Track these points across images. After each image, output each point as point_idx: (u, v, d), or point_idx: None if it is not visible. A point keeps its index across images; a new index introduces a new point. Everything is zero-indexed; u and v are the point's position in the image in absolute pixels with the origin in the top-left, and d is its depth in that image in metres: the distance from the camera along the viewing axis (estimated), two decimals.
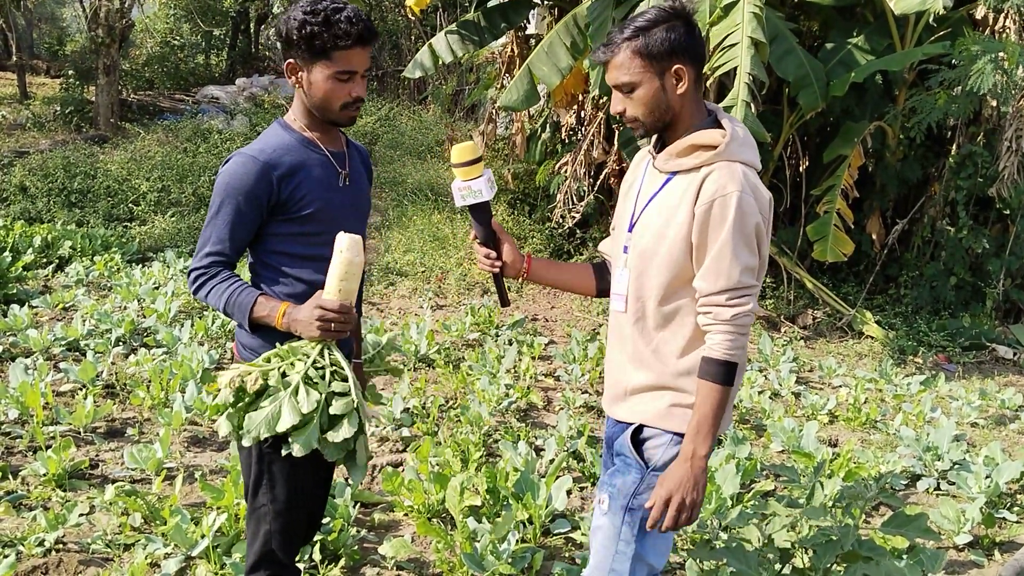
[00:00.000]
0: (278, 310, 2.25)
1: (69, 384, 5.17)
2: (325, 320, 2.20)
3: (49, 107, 15.57)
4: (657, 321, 2.20)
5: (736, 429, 4.95)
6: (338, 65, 2.25)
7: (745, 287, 2.08)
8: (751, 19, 6.01)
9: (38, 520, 3.54)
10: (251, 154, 2.28)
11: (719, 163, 2.09)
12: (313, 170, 2.35)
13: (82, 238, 8.53)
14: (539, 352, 6.32)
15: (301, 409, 2.16)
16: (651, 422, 2.23)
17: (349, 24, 2.21)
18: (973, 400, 5.85)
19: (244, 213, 2.27)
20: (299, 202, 2.31)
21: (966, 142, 7.81)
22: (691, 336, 2.17)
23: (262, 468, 2.39)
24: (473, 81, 14.36)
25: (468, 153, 2.33)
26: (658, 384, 2.22)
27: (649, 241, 2.19)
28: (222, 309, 2.29)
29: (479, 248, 2.45)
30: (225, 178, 2.28)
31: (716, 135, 2.11)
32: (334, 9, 2.22)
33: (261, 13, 21.28)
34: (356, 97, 2.32)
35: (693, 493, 2.09)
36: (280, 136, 2.36)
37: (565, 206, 8.60)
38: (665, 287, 2.17)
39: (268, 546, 2.45)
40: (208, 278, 2.29)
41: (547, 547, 3.69)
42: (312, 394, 2.18)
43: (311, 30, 2.21)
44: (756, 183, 2.11)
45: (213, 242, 2.29)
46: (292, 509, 2.44)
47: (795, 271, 7.78)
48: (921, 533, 3.00)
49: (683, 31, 2.08)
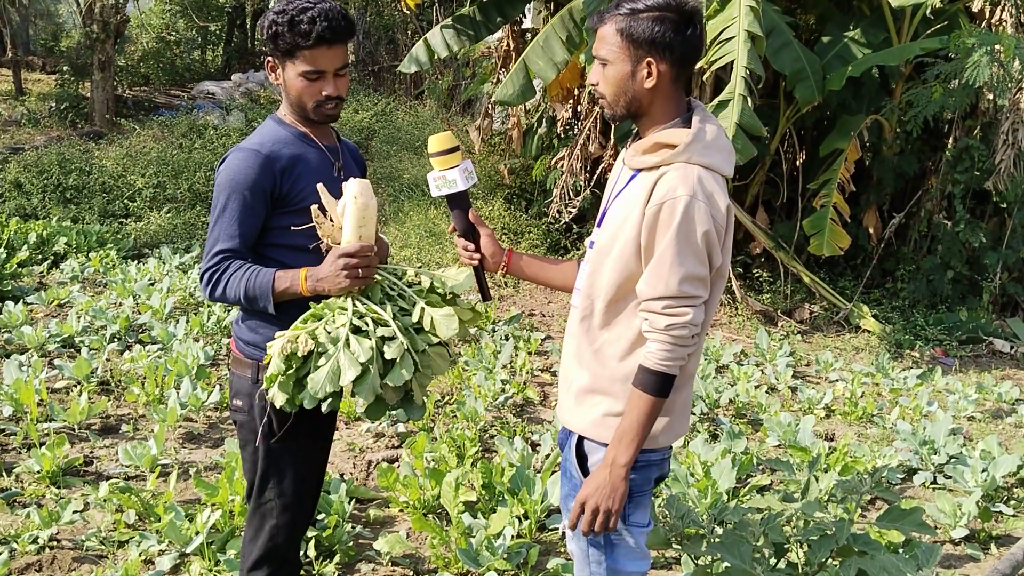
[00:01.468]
0: (299, 276, 2.22)
1: (64, 381, 5.15)
2: (350, 267, 2.18)
3: (44, 103, 15.56)
4: (603, 320, 2.13)
5: (732, 423, 4.94)
6: (305, 64, 2.26)
7: (684, 296, 1.99)
8: (747, 12, 6.00)
9: (32, 517, 3.53)
10: (252, 148, 2.28)
11: (676, 164, 2.00)
12: (311, 162, 2.37)
13: (77, 234, 8.51)
14: (535, 347, 6.32)
15: (359, 359, 2.12)
16: (587, 433, 2.17)
17: (311, 24, 2.20)
18: (970, 394, 5.85)
19: (251, 206, 2.27)
20: (299, 194, 2.32)
21: (963, 136, 7.81)
22: (634, 340, 2.09)
23: (269, 463, 2.40)
24: (469, 76, 14.32)
25: (444, 143, 2.31)
26: (593, 388, 2.15)
27: (606, 239, 2.12)
28: (243, 297, 2.25)
29: (458, 240, 2.44)
30: (228, 174, 2.27)
31: (680, 134, 2.02)
32: (300, 9, 2.21)
33: (257, 8, 21.20)
34: (327, 96, 2.31)
35: (609, 501, 2.04)
36: (276, 131, 2.37)
37: (561, 201, 8.58)
38: (615, 287, 2.09)
39: (274, 541, 2.46)
40: (220, 273, 2.26)
41: (543, 542, 3.68)
42: (364, 343, 2.14)
43: (276, 30, 2.23)
44: (713, 189, 2.00)
45: (223, 239, 2.27)
46: (299, 502, 2.46)
47: (792, 265, 7.77)
48: (917, 527, 3.00)
49: (670, 27, 1.99)
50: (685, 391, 2.17)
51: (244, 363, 2.41)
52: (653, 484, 2.22)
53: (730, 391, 5.40)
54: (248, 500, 2.48)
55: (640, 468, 2.13)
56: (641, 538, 2.19)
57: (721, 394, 5.37)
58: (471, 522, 3.54)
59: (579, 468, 2.19)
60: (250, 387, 2.39)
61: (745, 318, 7.51)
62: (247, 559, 2.50)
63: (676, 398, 2.13)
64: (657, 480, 2.24)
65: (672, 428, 2.16)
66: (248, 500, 2.48)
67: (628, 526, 2.16)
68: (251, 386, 2.39)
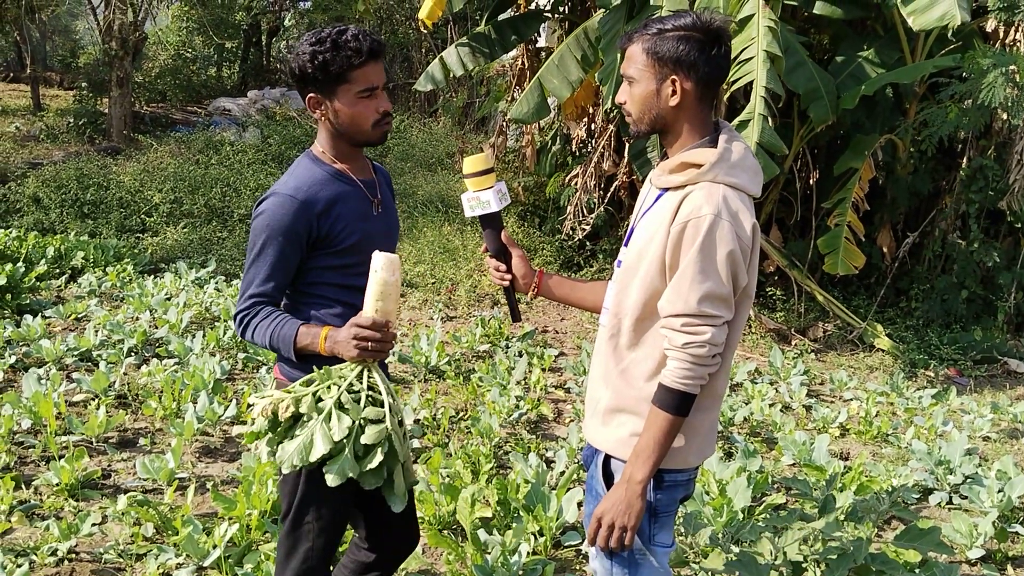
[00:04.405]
0: (319, 336, 2.25)
1: (82, 394, 5.20)
2: (359, 338, 2.19)
3: (62, 119, 15.70)
4: (630, 340, 2.14)
5: (747, 441, 4.94)
6: (358, 84, 2.28)
7: (704, 315, 1.99)
8: (766, 33, 6.02)
9: (51, 530, 3.56)
10: (288, 193, 2.29)
11: (702, 183, 2.02)
12: (349, 203, 2.37)
13: (95, 249, 8.58)
14: (549, 364, 6.33)
15: (333, 437, 2.12)
16: (614, 452, 2.17)
17: (357, 41, 2.25)
18: (985, 414, 5.82)
19: (286, 253, 2.29)
20: (338, 235, 2.34)
21: (977, 155, 7.80)
22: (661, 360, 2.09)
23: (311, 487, 2.37)
24: (484, 94, 14.40)
25: (479, 164, 2.36)
26: (620, 407, 2.15)
27: (633, 258, 2.13)
28: (268, 345, 2.30)
29: (489, 260, 2.45)
30: (265, 219, 2.29)
31: (706, 154, 2.03)
32: (338, 32, 2.26)
33: (273, 26, 21.43)
34: (384, 111, 2.35)
35: (625, 517, 2.05)
36: (311, 171, 2.38)
37: (575, 218, 8.61)
38: (641, 306, 2.10)
39: (307, 563, 2.45)
40: (251, 317, 2.31)
41: (558, 559, 3.68)
42: (344, 420, 2.14)
43: (323, 58, 2.24)
44: (739, 208, 2.01)
45: (256, 284, 2.31)
46: (335, 527, 2.46)
47: (806, 284, 7.77)
48: (934, 547, 3.00)
49: (696, 46, 2.02)
50: (712, 412, 2.17)
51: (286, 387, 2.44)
52: (678, 504, 2.23)
53: (744, 409, 5.40)
54: (283, 521, 2.47)
55: (667, 488, 2.14)
56: (664, 558, 2.19)
57: (735, 412, 5.36)
58: (487, 538, 3.54)
59: (605, 487, 2.20)
60: None
61: (759, 336, 7.50)
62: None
63: (704, 419, 2.13)
64: (682, 500, 2.24)
65: (700, 449, 2.16)
66: (283, 521, 2.47)
67: (653, 546, 2.16)
68: None
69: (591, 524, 2.12)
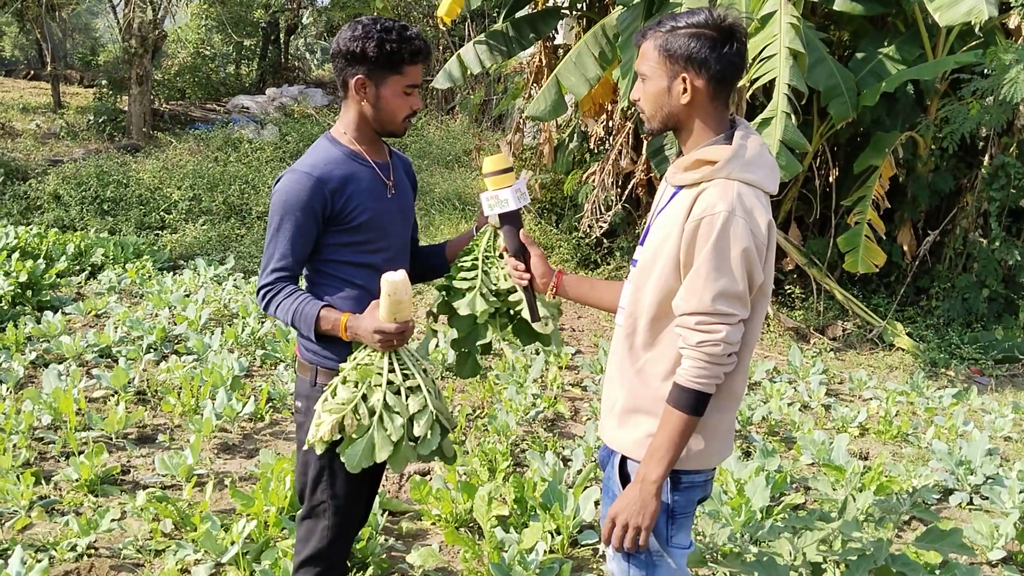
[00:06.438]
0: (340, 323, 2.35)
1: (101, 390, 5.23)
2: (383, 339, 2.32)
3: (83, 116, 15.82)
4: (646, 339, 2.12)
5: (765, 441, 4.91)
6: (408, 79, 2.39)
7: (719, 314, 1.97)
8: (788, 30, 5.98)
9: (70, 525, 3.58)
10: (304, 170, 2.37)
11: (716, 180, 2.00)
12: (362, 182, 2.45)
13: (114, 246, 8.64)
14: (566, 362, 6.31)
15: (391, 438, 2.34)
16: (630, 452, 2.15)
17: (420, 40, 2.38)
18: (1006, 413, 5.77)
19: (303, 227, 2.37)
20: (351, 213, 2.41)
21: (998, 153, 7.73)
22: (677, 360, 2.06)
23: (323, 465, 2.48)
24: (501, 91, 14.40)
25: (499, 163, 2.38)
26: (636, 407, 2.13)
27: (648, 256, 2.11)
28: (289, 323, 2.40)
29: (508, 260, 2.44)
30: (281, 196, 2.37)
31: (721, 151, 2.01)
32: (402, 27, 2.36)
33: (291, 24, 21.50)
34: (415, 110, 2.45)
35: (639, 517, 2.04)
36: (328, 151, 2.45)
37: (592, 216, 8.59)
38: (657, 305, 2.07)
39: (324, 542, 2.54)
40: (275, 294, 2.40)
41: (575, 558, 3.67)
42: (396, 420, 2.35)
43: (391, 47, 2.32)
44: (753, 205, 1.98)
45: (277, 258, 2.39)
46: (350, 505, 2.54)
47: (825, 282, 7.72)
48: (955, 548, 2.96)
49: (707, 43, 1.99)
50: (730, 413, 2.14)
51: (305, 367, 2.53)
52: (696, 505, 2.21)
53: (763, 408, 5.37)
54: (301, 501, 2.57)
55: (684, 489, 2.12)
56: (682, 559, 2.17)
57: (754, 411, 5.33)
58: (503, 536, 3.54)
59: (621, 487, 2.18)
60: (309, 390, 2.50)
61: (777, 335, 7.46)
62: (297, 556, 2.58)
63: (722, 419, 2.12)
64: (699, 501, 2.22)
65: (717, 450, 2.15)
66: (301, 501, 2.57)
67: (670, 547, 2.15)
68: (310, 389, 2.50)
69: (605, 524, 2.11)
